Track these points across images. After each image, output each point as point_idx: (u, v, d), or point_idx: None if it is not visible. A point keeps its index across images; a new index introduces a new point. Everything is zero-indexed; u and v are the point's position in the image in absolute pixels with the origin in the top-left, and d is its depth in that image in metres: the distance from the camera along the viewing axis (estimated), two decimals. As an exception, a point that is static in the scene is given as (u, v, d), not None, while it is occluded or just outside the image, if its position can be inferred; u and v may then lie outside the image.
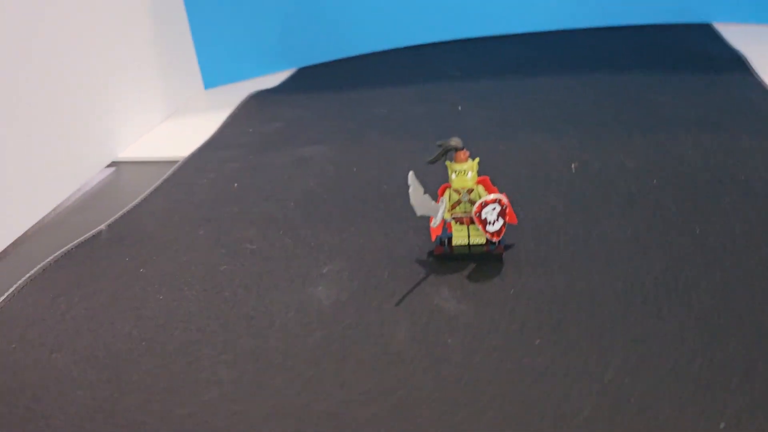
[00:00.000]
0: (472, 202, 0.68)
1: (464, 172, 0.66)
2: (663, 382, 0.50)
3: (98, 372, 0.59)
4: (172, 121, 1.23)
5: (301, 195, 0.88)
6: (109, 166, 1.07)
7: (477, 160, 0.67)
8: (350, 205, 0.83)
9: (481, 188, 0.67)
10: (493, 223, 0.66)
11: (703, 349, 0.52)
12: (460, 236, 0.70)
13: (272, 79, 1.37)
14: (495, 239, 0.67)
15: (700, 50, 1.26)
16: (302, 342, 0.60)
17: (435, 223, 0.66)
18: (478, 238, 0.69)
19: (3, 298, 0.71)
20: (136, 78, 1.16)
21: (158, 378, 0.57)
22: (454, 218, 0.69)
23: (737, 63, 1.15)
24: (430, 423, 0.49)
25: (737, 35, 1.31)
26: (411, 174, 0.63)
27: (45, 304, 0.70)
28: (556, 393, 0.50)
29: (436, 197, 0.68)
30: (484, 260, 0.68)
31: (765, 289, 0.58)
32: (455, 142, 0.66)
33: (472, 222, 0.69)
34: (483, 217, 0.66)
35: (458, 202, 0.68)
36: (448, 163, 0.67)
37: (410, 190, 0.63)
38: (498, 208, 0.65)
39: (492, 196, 0.65)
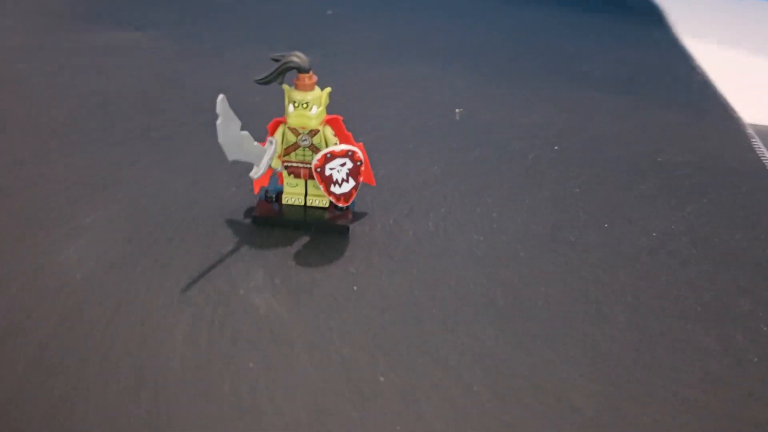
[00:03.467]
0: (315, 149, 0.47)
1: (307, 106, 0.45)
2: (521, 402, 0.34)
3: None
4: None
5: (96, 101, 0.62)
6: None
7: (328, 90, 0.46)
8: (162, 126, 0.60)
9: (329, 131, 0.47)
10: (341, 184, 0.46)
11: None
12: (293, 193, 0.49)
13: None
14: (341, 204, 0.47)
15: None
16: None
17: (256, 173, 0.45)
18: (319, 199, 0.49)
19: None
20: None
21: None
22: (286, 167, 0.48)
23: (652, 13, 1.01)
24: None
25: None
26: (221, 98, 0.40)
27: None
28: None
29: (264, 136, 0.47)
30: (323, 233, 0.48)
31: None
32: (298, 58, 0.45)
33: (311, 176, 0.48)
34: (327, 173, 0.46)
35: (294, 146, 0.47)
36: (286, 87, 0.46)
37: (218, 123, 0.41)
38: (349, 165, 0.45)
39: (342, 147, 0.45)
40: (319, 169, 0.45)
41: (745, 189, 0.58)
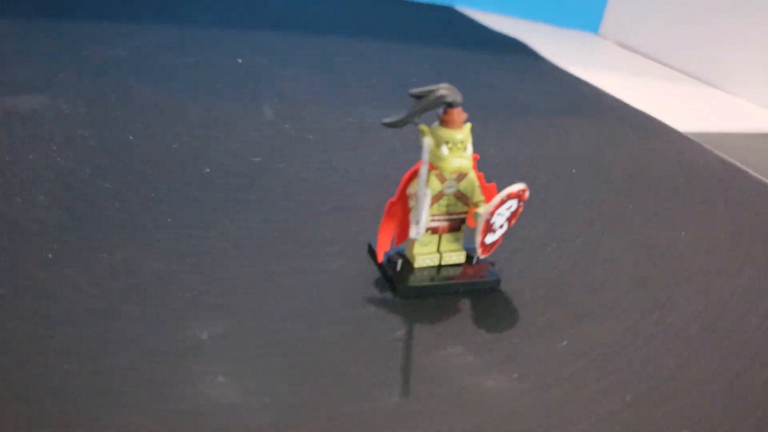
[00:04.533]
0: (461, 197, 0.40)
1: (462, 146, 0.39)
2: None
3: None
4: None
5: (44, 180, 0.46)
6: None
7: (469, 125, 0.40)
8: (171, 199, 0.46)
9: (473, 174, 0.41)
10: (495, 231, 0.40)
11: None
12: (427, 253, 0.42)
13: None
14: (484, 255, 0.41)
15: (474, 30, 1.17)
16: None
17: (418, 233, 0.37)
18: (456, 255, 0.42)
19: None
20: None
21: None
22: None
23: (522, 48, 1.09)
24: None
25: (494, 22, 1.27)
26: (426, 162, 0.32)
27: None
28: None
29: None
30: (470, 295, 0.41)
31: None
32: (449, 91, 0.38)
33: (452, 229, 0.41)
34: (492, 220, 0.39)
35: (438, 196, 0.40)
36: (424, 128, 0.39)
37: (422, 195, 0.32)
38: (514, 207, 0.40)
39: (517, 187, 0.39)
40: (490, 218, 0.39)
41: (733, 188, 0.64)
